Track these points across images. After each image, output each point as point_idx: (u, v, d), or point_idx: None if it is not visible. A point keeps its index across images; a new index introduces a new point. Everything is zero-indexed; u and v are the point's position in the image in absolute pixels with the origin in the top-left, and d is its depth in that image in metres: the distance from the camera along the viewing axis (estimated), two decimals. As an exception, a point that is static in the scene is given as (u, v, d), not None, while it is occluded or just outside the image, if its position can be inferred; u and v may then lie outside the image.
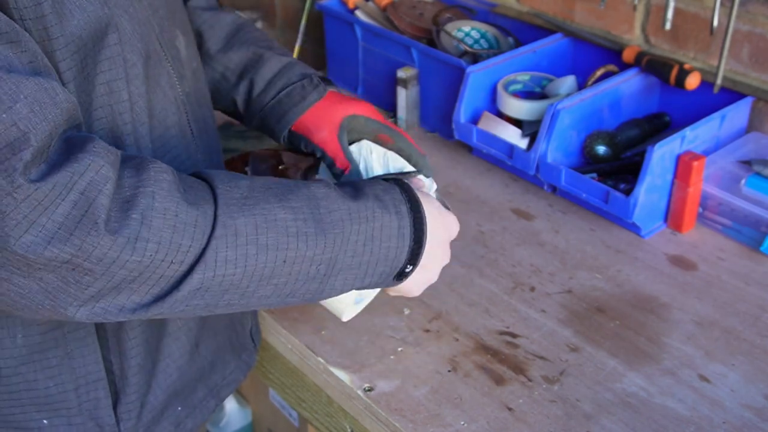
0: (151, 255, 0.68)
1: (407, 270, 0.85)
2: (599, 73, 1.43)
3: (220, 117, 1.66)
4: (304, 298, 0.80)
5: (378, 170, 1.02)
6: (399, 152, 1.03)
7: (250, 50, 1.06)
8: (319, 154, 1.01)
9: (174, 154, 0.86)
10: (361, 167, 1.02)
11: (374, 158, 1.02)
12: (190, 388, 0.96)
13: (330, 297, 0.83)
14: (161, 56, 0.84)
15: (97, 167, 0.66)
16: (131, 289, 0.69)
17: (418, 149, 1.05)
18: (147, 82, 0.81)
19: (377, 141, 1.03)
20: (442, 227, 0.89)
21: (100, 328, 0.85)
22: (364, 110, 1.03)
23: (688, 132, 1.25)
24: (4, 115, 0.62)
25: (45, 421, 0.85)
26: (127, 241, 0.67)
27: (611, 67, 1.43)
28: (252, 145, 1.50)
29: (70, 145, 0.67)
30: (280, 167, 1.11)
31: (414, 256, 0.84)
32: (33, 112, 0.64)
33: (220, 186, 0.74)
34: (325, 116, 1.02)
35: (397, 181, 0.86)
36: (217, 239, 0.71)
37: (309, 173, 1.07)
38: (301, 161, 1.09)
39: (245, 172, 1.13)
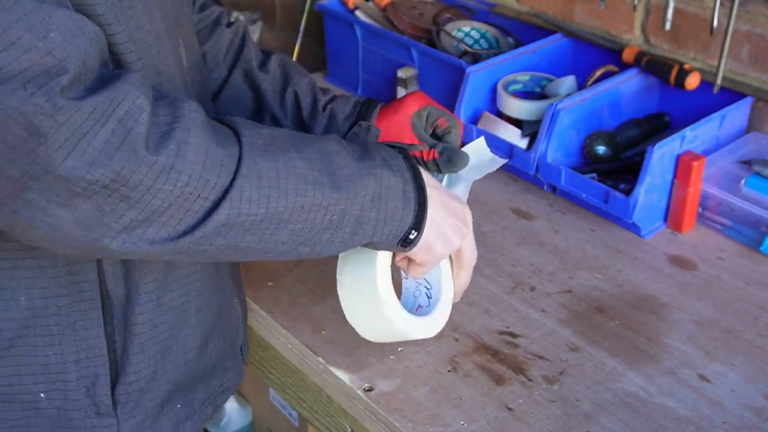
0: (182, 186, 0.71)
1: (411, 236, 0.88)
2: (599, 73, 1.43)
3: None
4: (314, 249, 0.83)
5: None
6: (447, 134, 1.07)
7: (299, 107, 1.09)
8: None
9: None
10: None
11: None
12: (191, 386, 0.96)
13: (338, 251, 0.86)
14: (171, 63, 0.85)
15: (134, 97, 0.68)
16: (161, 222, 0.72)
17: (461, 126, 1.10)
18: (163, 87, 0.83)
19: (438, 127, 1.07)
20: (447, 205, 0.92)
21: (106, 302, 0.85)
22: (418, 101, 1.07)
23: (688, 132, 1.25)
24: (40, 44, 0.63)
25: (42, 395, 0.85)
26: (162, 169, 0.69)
27: (611, 67, 1.43)
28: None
29: (105, 76, 0.69)
30: None
31: (418, 221, 0.87)
32: (66, 40, 0.65)
33: (245, 132, 0.77)
34: (392, 134, 1.06)
35: (400, 149, 0.89)
36: (242, 179, 0.74)
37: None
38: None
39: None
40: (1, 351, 0.83)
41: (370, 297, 0.95)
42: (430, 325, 1.02)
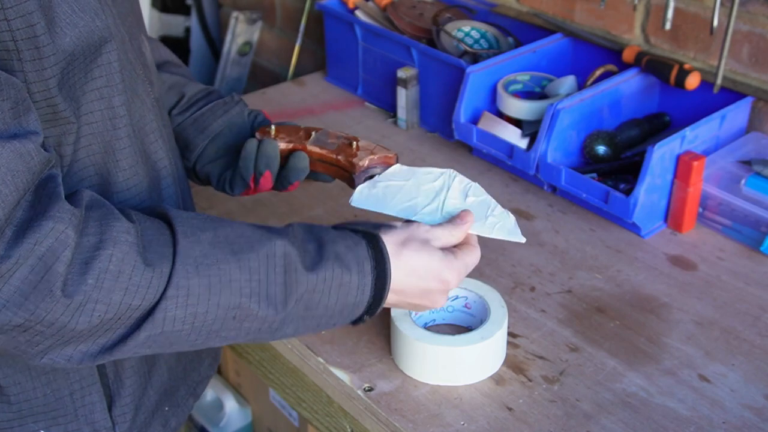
0: (100, 316, 0.70)
1: (364, 319, 0.86)
2: (599, 72, 1.43)
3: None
4: (253, 341, 0.82)
5: (454, 198, 0.97)
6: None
7: (175, 77, 1.07)
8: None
9: (155, 158, 0.88)
10: (441, 193, 0.98)
11: (455, 185, 0.98)
12: (175, 388, 0.97)
13: (280, 339, 0.84)
14: (135, 64, 0.85)
15: (58, 233, 0.67)
16: (79, 341, 0.71)
17: None
18: (127, 92, 0.82)
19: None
20: (427, 277, 0.87)
21: None
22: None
23: (688, 132, 1.25)
24: None
25: (42, 431, 0.86)
26: (78, 306, 0.69)
27: (611, 67, 1.43)
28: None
29: (35, 205, 0.68)
30: (352, 146, 1.02)
31: (372, 308, 0.84)
32: (5, 183, 0.65)
33: (182, 240, 0.74)
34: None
35: (367, 235, 0.85)
36: (168, 300, 0.72)
37: (380, 165, 1.01)
38: (377, 149, 1.02)
39: (308, 137, 1.04)
40: None
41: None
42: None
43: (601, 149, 1.37)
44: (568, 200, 1.35)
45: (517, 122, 1.42)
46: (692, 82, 1.32)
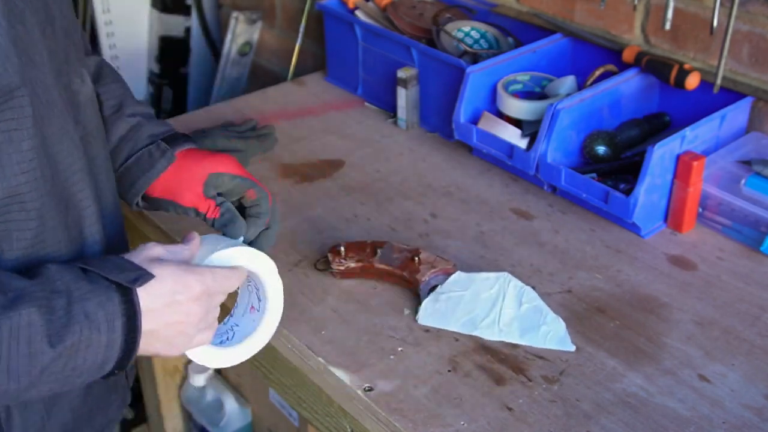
0: None
1: (116, 373, 0.82)
2: (598, 72, 1.43)
3: (220, 116, 1.66)
4: None
5: (509, 308, 1.09)
6: (256, 206, 1.00)
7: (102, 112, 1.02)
8: (193, 215, 0.99)
9: (77, 200, 0.86)
10: (498, 303, 1.10)
11: (510, 292, 1.11)
12: (78, 430, 0.94)
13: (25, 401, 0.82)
14: (58, 103, 0.83)
15: None
16: None
17: (271, 200, 1.01)
18: (47, 130, 0.80)
19: (245, 199, 1.00)
20: (174, 291, 0.82)
21: None
22: (227, 167, 0.99)
23: (688, 132, 1.25)
24: None
25: None
26: None
27: (610, 67, 1.43)
28: (253, 146, 1.50)
29: None
30: (414, 260, 1.15)
31: (122, 364, 0.81)
32: None
33: None
34: (185, 179, 0.99)
35: (120, 287, 0.80)
36: None
37: (441, 275, 1.14)
38: (437, 261, 1.15)
39: (374, 254, 1.17)
40: None
41: None
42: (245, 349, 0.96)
43: (601, 149, 1.37)
44: (568, 200, 1.35)
45: (517, 122, 1.42)
46: (692, 82, 1.32)
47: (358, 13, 1.71)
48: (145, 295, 0.80)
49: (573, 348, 1.06)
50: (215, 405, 1.53)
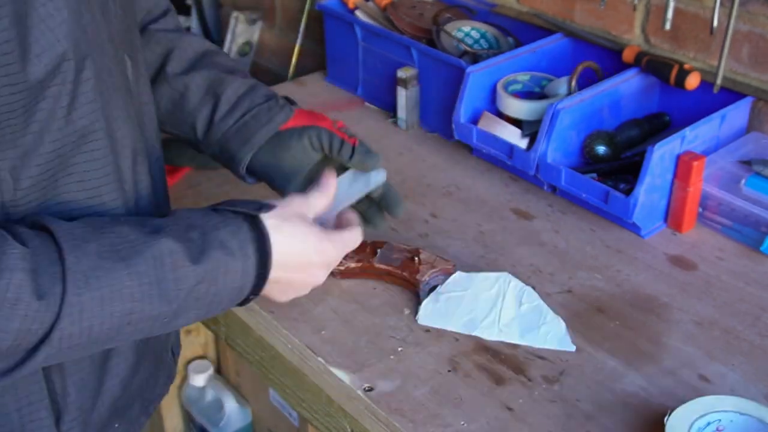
0: None
1: (250, 298, 0.87)
2: (580, 69, 1.42)
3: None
4: (148, 335, 0.82)
5: (509, 308, 1.09)
6: (362, 146, 1.05)
7: (213, 72, 1.05)
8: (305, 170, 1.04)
9: (137, 178, 0.87)
10: (498, 303, 1.10)
11: (509, 292, 1.11)
12: (128, 405, 0.96)
13: (172, 330, 0.86)
14: (115, 85, 0.83)
15: None
16: None
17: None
18: (105, 109, 0.81)
19: (346, 148, 1.04)
20: (311, 252, 0.89)
21: None
22: (326, 125, 1.05)
23: (688, 132, 1.25)
24: None
25: None
26: None
27: (589, 63, 1.44)
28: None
29: None
30: (414, 260, 1.15)
31: (257, 288, 0.85)
32: None
33: (69, 257, 0.74)
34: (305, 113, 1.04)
35: (248, 216, 0.85)
36: (63, 319, 0.72)
37: (441, 275, 1.14)
38: (437, 262, 1.15)
39: (374, 254, 1.17)
40: None
41: None
42: None
43: (601, 149, 1.37)
44: (568, 200, 1.35)
45: (517, 122, 1.42)
46: (692, 82, 1.32)
47: (358, 13, 1.71)
48: (282, 250, 0.86)
49: (573, 348, 1.06)
50: (215, 405, 1.53)
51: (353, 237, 0.95)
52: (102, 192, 0.82)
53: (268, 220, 0.86)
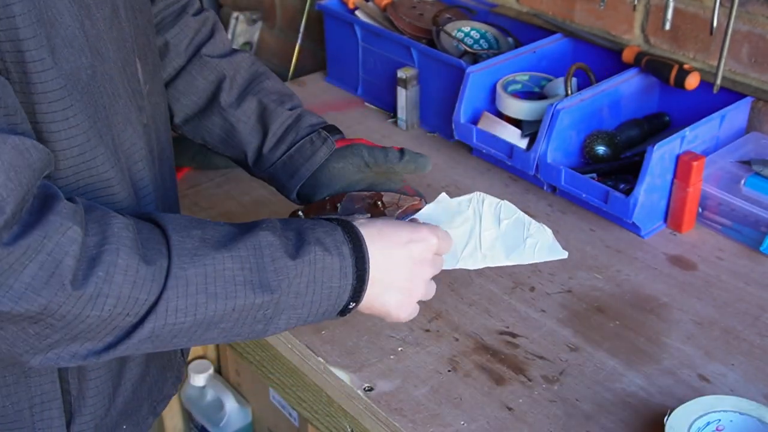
0: (110, 309, 0.71)
1: (350, 306, 0.86)
2: (573, 70, 1.42)
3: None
4: (248, 336, 0.83)
5: (489, 229, 1.00)
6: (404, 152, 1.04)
7: (262, 102, 1.07)
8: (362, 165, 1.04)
9: (141, 184, 0.88)
10: (475, 227, 1.00)
11: (486, 210, 1.01)
12: (137, 408, 0.96)
13: (272, 334, 0.84)
14: (122, 94, 0.84)
15: (65, 229, 0.68)
16: (86, 338, 0.72)
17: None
18: (112, 119, 0.82)
19: (393, 154, 1.04)
20: (405, 259, 0.89)
21: None
22: (362, 141, 1.06)
23: (688, 132, 1.25)
24: None
25: None
26: (90, 298, 0.69)
27: (580, 65, 1.44)
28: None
29: (39, 203, 0.69)
30: (378, 205, 1.08)
31: (357, 293, 0.85)
32: (9, 179, 0.66)
33: (175, 237, 0.76)
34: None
35: (339, 221, 0.87)
36: (170, 290, 0.73)
37: (409, 213, 1.06)
38: (402, 200, 1.07)
39: (336, 210, 1.11)
40: None
41: None
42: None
43: (600, 149, 1.37)
44: (568, 200, 1.35)
45: (516, 122, 1.42)
46: (692, 82, 1.32)
47: (358, 13, 1.71)
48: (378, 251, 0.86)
49: (566, 254, 0.99)
50: (215, 405, 1.53)
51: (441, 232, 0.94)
52: (112, 191, 0.83)
53: (361, 227, 0.87)
